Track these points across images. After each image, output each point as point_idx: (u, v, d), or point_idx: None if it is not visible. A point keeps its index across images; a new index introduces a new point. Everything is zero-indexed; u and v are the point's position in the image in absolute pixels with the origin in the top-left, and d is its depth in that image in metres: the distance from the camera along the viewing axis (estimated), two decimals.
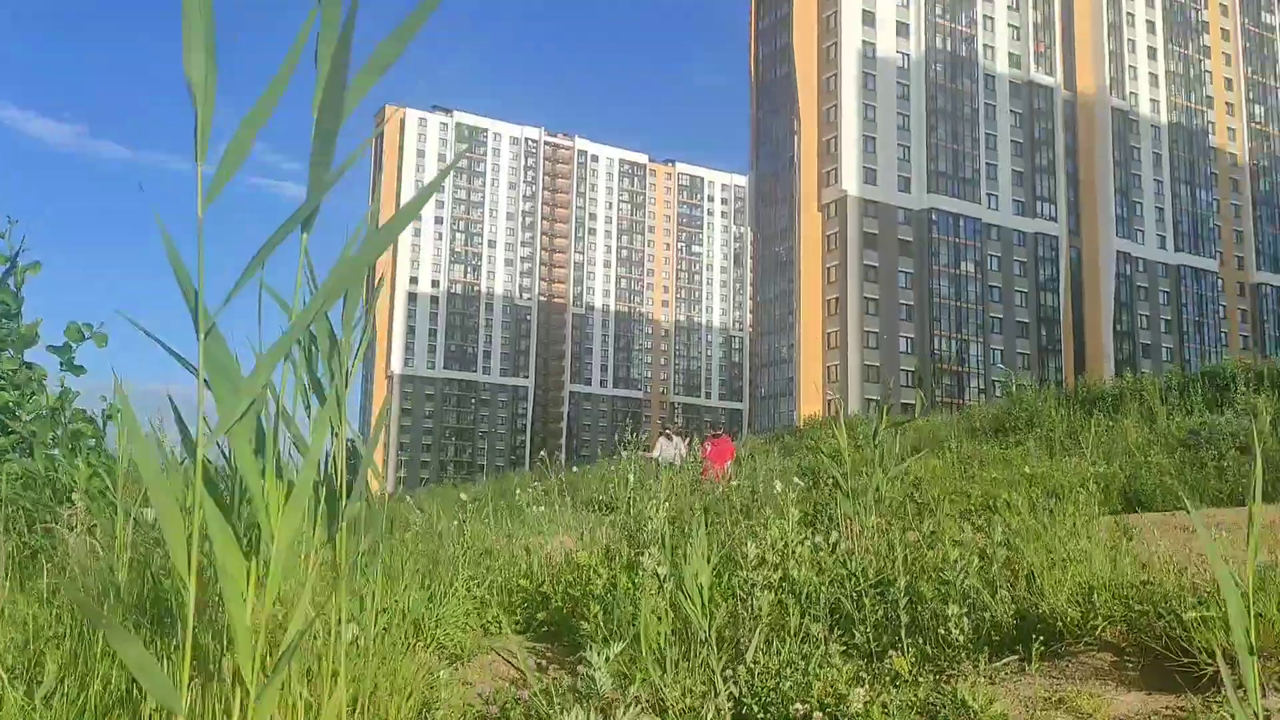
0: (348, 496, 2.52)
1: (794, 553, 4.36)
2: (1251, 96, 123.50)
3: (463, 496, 6.08)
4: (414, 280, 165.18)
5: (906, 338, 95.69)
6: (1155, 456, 18.94)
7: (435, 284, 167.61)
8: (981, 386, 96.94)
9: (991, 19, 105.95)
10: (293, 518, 2.21)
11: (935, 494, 7.17)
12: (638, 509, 5.75)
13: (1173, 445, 20.17)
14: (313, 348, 2.59)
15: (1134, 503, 16.26)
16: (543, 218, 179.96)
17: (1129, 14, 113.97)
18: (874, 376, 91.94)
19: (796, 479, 5.32)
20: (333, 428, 2.52)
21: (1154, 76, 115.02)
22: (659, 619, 3.88)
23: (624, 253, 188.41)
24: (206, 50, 1.86)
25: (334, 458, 2.55)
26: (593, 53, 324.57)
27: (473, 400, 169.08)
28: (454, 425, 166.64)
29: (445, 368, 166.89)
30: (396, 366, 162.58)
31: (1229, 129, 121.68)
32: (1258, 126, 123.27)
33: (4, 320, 4.81)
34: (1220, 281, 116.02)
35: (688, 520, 5.15)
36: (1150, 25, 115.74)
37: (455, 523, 6.31)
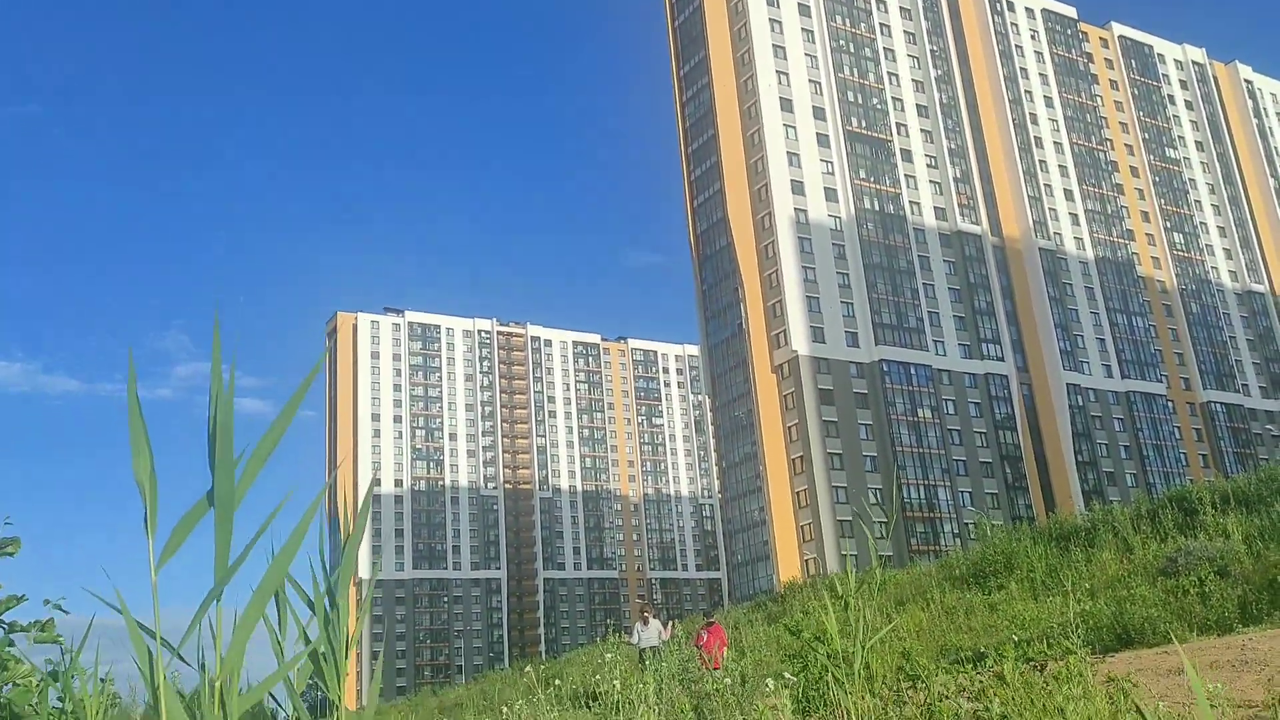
0: None
1: None
2: (1169, 225, 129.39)
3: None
4: (376, 481, 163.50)
5: (874, 489, 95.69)
6: (1138, 588, 18.87)
7: (399, 483, 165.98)
8: (955, 531, 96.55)
9: (914, 178, 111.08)
10: None
11: (924, 657, 7.05)
12: (627, 713, 5.59)
13: (1152, 574, 20.14)
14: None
15: (1125, 639, 16.06)
16: (501, 406, 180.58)
17: (1041, 161, 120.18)
18: (848, 531, 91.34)
19: (787, 674, 5.22)
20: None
21: (1074, 216, 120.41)
22: None
23: (585, 432, 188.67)
24: (148, 455, 2.26)
25: None
26: (539, 241, 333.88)
27: (445, 599, 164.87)
28: (428, 627, 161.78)
29: (415, 568, 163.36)
30: (364, 572, 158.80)
31: (1153, 258, 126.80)
32: (1180, 253, 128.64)
33: None
34: (1171, 404, 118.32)
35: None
36: (1063, 169, 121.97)
37: None
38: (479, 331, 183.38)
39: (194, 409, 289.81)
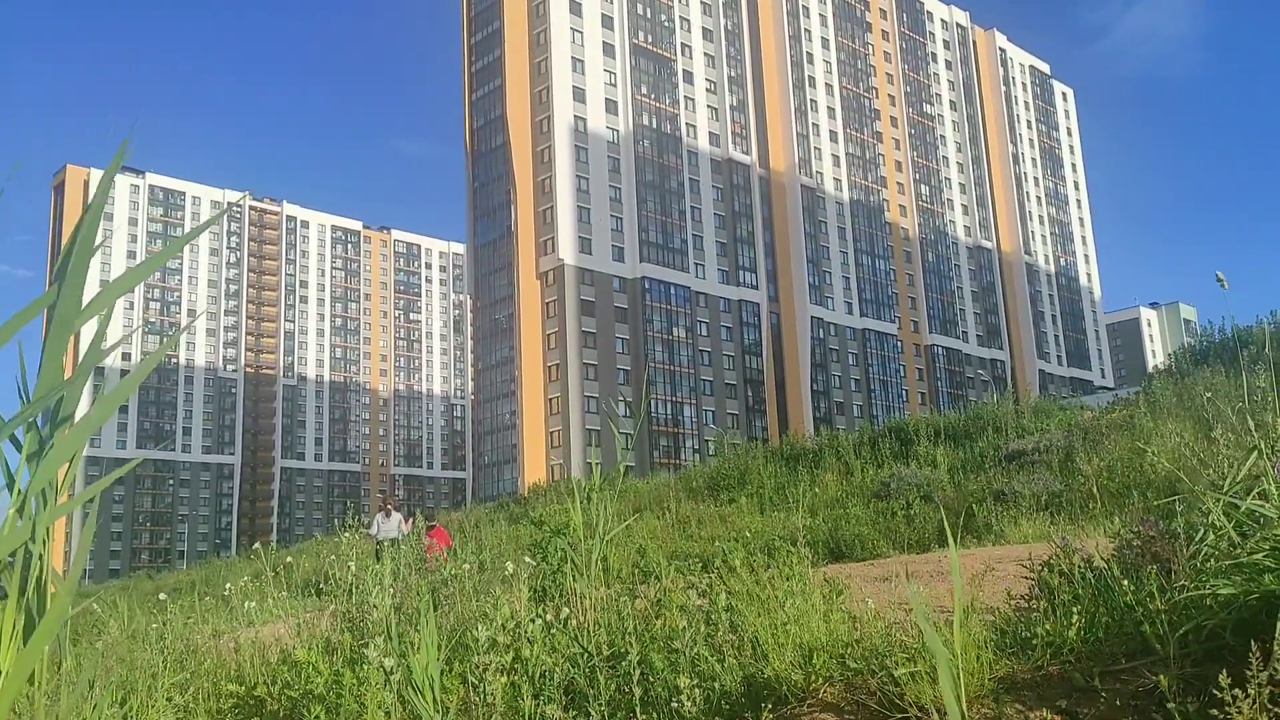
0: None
1: (526, 632, 4.28)
2: (917, 177, 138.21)
3: (161, 596, 5.54)
4: (100, 352, 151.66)
5: (624, 401, 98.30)
6: (853, 508, 20.43)
7: (126, 357, 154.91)
8: (696, 446, 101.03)
9: (693, 100, 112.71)
10: None
11: (659, 558, 7.31)
12: (360, 595, 5.48)
13: (867, 496, 21.86)
14: None
15: (837, 553, 17.39)
16: (249, 285, 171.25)
17: (812, 100, 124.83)
18: (595, 440, 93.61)
19: (528, 557, 5.26)
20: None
21: (836, 158, 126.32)
22: (387, 715, 3.68)
23: (338, 321, 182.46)
24: None
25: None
26: (303, 119, 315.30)
27: (170, 481, 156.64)
28: (149, 510, 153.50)
29: (138, 446, 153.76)
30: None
31: (900, 206, 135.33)
32: (924, 204, 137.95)
33: None
34: (900, 343, 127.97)
35: (414, 605, 4.96)
36: (831, 111, 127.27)
37: (154, 623, 5.75)
38: (229, 204, 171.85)
39: None
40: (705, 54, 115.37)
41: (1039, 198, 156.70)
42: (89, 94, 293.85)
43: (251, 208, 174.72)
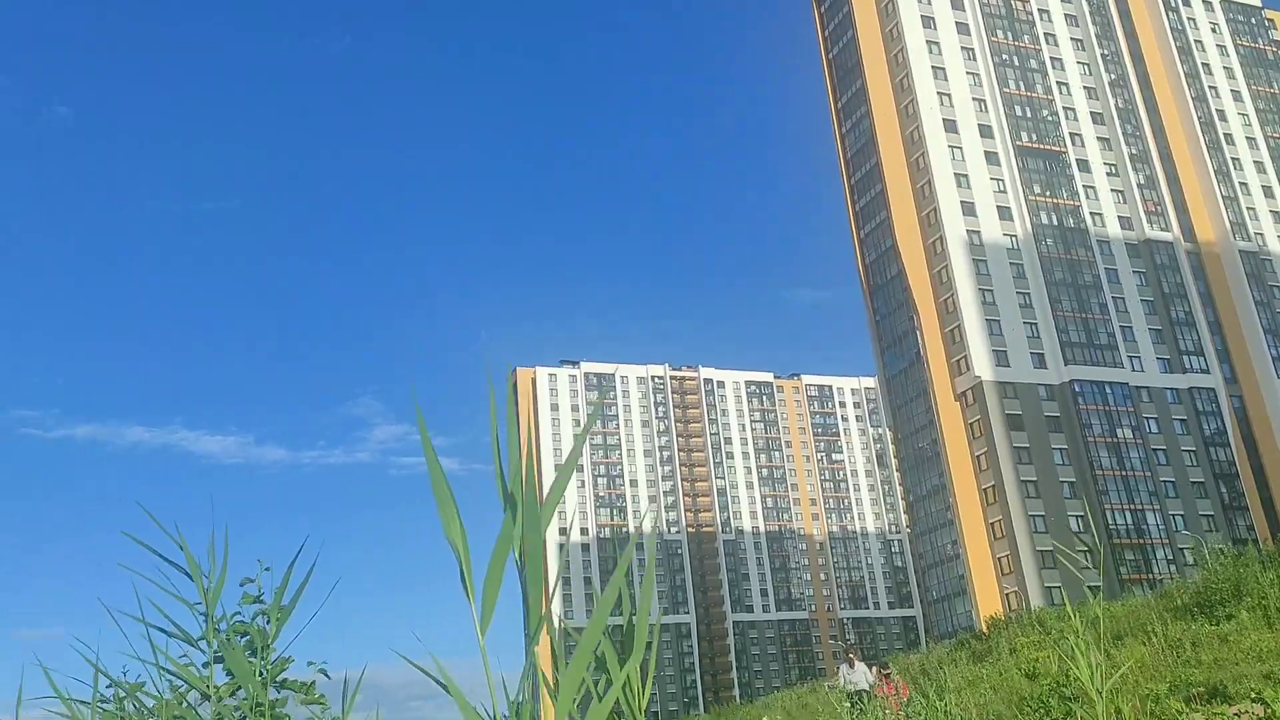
0: None
1: None
2: None
3: None
4: (562, 531, 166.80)
5: (1076, 516, 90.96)
6: None
7: (584, 531, 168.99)
8: (1169, 557, 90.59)
9: (1093, 188, 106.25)
10: None
11: (1171, 699, 6.72)
12: None
13: None
14: None
15: None
16: (679, 449, 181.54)
17: (1234, 159, 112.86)
18: (1050, 562, 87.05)
19: None
20: None
21: (1276, 213, 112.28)
22: None
23: (764, 471, 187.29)
24: (456, 517, 2.34)
25: None
26: (706, 285, 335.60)
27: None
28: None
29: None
30: (555, 622, 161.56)
31: None
32: None
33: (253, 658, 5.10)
34: None
35: None
36: (1259, 166, 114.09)
37: None
38: (652, 377, 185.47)
39: (388, 470, 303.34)
40: (1099, 138, 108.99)
41: None
42: (533, 302, 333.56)
43: (671, 377, 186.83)
